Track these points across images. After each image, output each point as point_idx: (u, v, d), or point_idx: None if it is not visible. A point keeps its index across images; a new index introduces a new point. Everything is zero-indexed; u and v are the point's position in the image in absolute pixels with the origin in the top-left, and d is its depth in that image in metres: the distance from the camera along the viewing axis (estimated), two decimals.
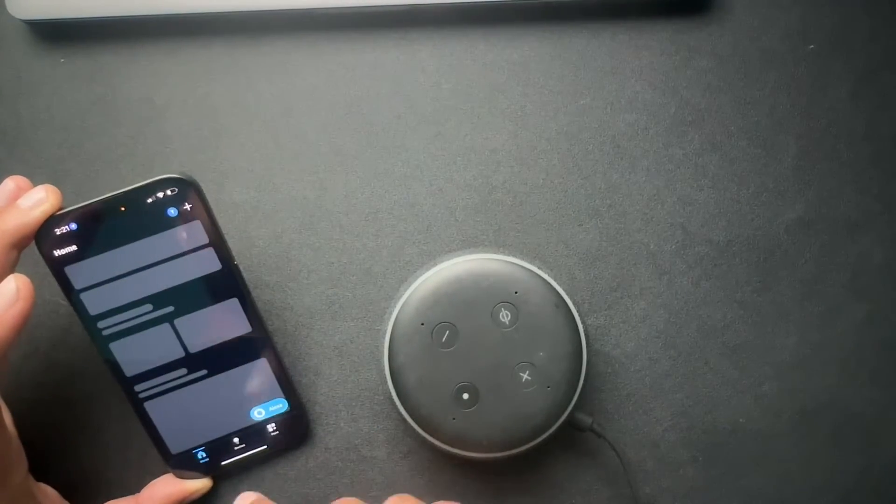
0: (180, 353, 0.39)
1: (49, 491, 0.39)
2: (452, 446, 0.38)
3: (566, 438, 0.42)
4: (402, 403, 0.38)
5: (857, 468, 0.43)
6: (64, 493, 0.40)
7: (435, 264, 0.39)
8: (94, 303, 0.37)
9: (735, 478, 0.43)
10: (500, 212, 0.43)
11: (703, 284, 0.43)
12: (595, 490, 0.42)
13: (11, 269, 0.35)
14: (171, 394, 0.39)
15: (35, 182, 0.42)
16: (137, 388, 0.39)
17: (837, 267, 0.43)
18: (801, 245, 0.43)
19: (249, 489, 0.42)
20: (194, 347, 0.39)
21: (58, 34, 0.43)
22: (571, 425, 0.40)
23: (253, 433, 0.41)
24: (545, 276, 0.39)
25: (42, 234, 0.36)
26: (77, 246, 0.36)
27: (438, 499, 0.42)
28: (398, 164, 0.43)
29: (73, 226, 0.36)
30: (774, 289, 0.43)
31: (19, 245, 0.35)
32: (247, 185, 0.43)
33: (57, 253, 0.36)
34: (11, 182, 0.36)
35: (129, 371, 0.38)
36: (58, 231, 0.36)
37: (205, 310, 0.38)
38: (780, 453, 0.43)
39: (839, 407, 0.43)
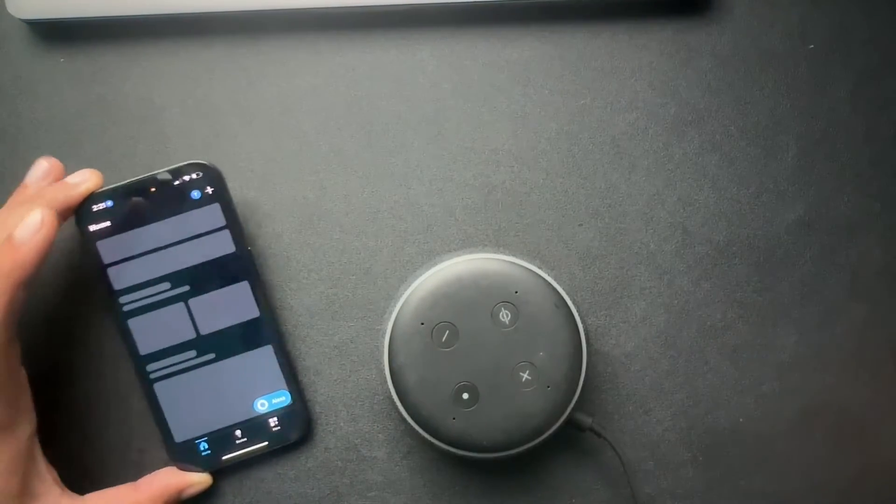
0: (191, 335, 0.40)
1: (49, 474, 0.38)
2: (452, 446, 0.38)
3: (566, 438, 0.42)
4: (402, 403, 0.38)
5: (857, 468, 0.43)
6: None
7: (435, 264, 0.39)
8: (119, 278, 0.40)
9: (735, 478, 0.43)
10: (500, 212, 0.43)
11: (703, 284, 0.43)
12: (595, 490, 0.42)
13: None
14: (179, 376, 0.40)
15: None
16: (149, 367, 0.40)
17: (837, 267, 0.43)
18: (801, 245, 0.43)
19: (249, 488, 0.42)
20: (205, 329, 0.40)
21: (58, 34, 0.43)
22: (571, 425, 0.40)
23: (255, 427, 0.41)
24: (545, 276, 0.39)
25: (82, 209, 0.39)
26: (110, 222, 0.39)
27: (439, 499, 0.42)
28: (398, 164, 0.43)
29: (109, 203, 0.39)
30: (774, 289, 0.43)
31: (63, 214, 0.39)
32: (247, 185, 0.43)
33: (92, 228, 0.39)
34: (45, 161, 0.40)
35: (144, 349, 0.40)
36: (95, 207, 0.39)
37: (217, 291, 0.40)
38: (780, 453, 0.43)
39: (839, 407, 0.43)
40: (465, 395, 0.38)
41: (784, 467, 0.43)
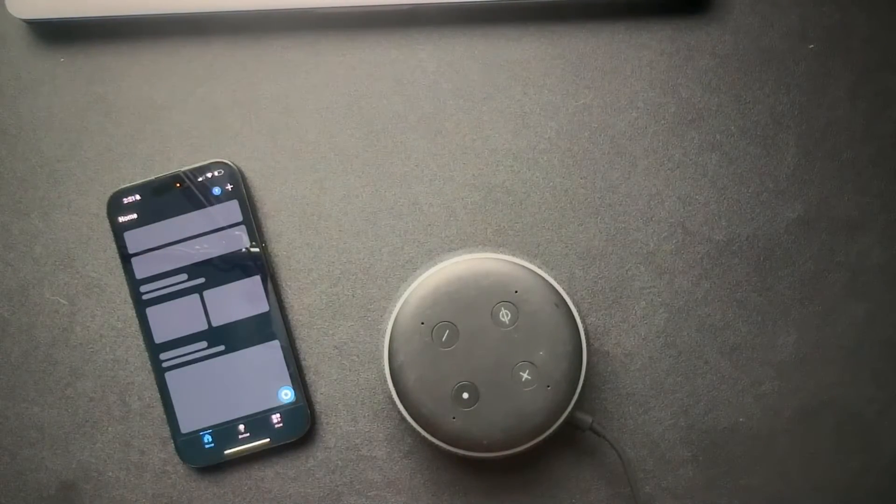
0: (204, 326, 0.42)
1: None
2: (452, 446, 0.38)
3: (566, 438, 0.42)
4: (402, 403, 0.38)
5: (857, 468, 0.43)
6: (64, 492, 0.40)
7: (435, 263, 0.39)
8: (141, 268, 0.42)
9: (735, 477, 0.43)
10: (500, 211, 0.43)
11: (703, 284, 0.43)
12: (595, 489, 0.42)
13: None
14: (190, 367, 0.42)
15: (34, 181, 0.42)
16: (162, 356, 0.42)
17: (837, 266, 0.43)
18: (801, 244, 0.43)
19: (249, 488, 0.42)
20: (217, 321, 0.42)
21: (58, 34, 0.43)
22: (571, 425, 0.40)
23: (258, 422, 0.42)
24: (545, 276, 0.39)
25: (113, 202, 0.42)
26: (137, 214, 0.42)
27: (439, 498, 0.42)
28: (398, 163, 0.43)
29: (138, 196, 0.42)
30: (774, 288, 0.43)
31: None
32: (247, 184, 0.43)
33: (121, 219, 0.42)
34: None
35: (159, 337, 0.42)
36: (125, 200, 0.42)
37: (230, 284, 0.42)
38: (780, 453, 0.43)
39: (839, 406, 0.43)
40: (465, 395, 0.38)
41: (784, 467, 0.43)
